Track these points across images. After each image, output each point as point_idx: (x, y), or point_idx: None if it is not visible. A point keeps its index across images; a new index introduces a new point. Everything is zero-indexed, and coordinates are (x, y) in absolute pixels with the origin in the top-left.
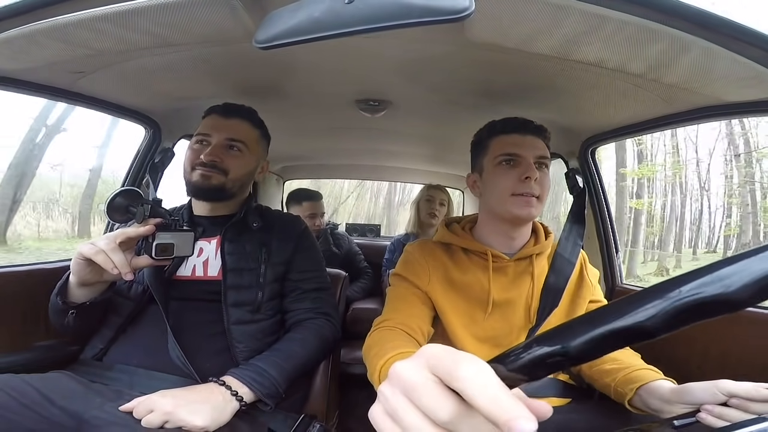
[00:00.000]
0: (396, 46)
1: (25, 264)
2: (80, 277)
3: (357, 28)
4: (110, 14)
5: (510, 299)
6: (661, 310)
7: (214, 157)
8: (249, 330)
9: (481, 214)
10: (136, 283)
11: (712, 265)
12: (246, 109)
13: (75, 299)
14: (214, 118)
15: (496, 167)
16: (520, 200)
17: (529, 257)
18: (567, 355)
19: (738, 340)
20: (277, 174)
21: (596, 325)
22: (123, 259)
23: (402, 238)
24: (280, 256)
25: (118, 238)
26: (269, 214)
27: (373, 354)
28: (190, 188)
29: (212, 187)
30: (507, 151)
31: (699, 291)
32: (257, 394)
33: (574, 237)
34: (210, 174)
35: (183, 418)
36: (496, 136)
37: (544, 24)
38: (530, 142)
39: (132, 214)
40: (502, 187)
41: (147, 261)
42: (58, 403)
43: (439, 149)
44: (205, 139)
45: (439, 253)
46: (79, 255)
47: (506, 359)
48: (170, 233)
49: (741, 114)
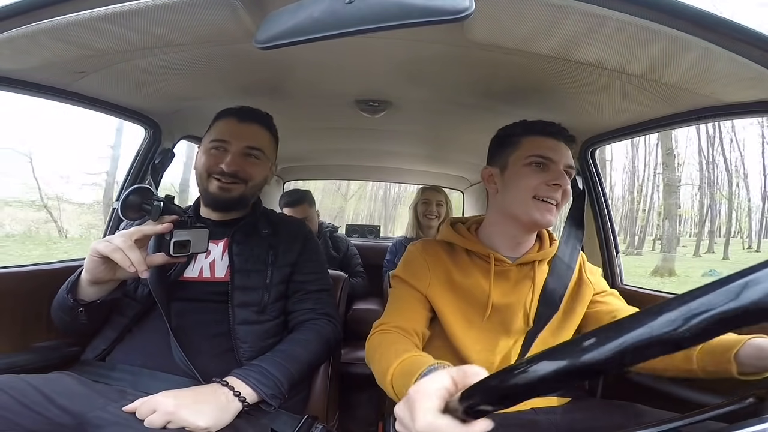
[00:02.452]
0: (396, 46)
1: (26, 264)
2: (94, 275)
3: (357, 28)
4: (111, 14)
5: (509, 304)
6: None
7: (236, 167)
8: (254, 330)
9: (491, 212)
10: (142, 285)
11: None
12: (262, 113)
13: (85, 297)
14: (231, 123)
15: (524, 167)
16: (542, 205)
17: (532, 263)
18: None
19: None
20: (277, 175)
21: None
22: (140, 256)
23: (403, 241)
24: (286, 259)
25: (134, 235)
26: (274, 217)
27: (377, 359)
28: (209, 199)
29: (232, 199)
30: (541, 153)
31: None
32: (260, 394)
33: (573, 241)
34: (230, 186)
35: (186, 418)
36: (531, 135)
37: (544, 24)
38: (563, 149)
39: (146, 211)
40: (527, 187)
41: (162, 258)
42: (59, 403)
43: (440, 150)
44: (222, 146)
45: (441, 254)
46: (94, 252)
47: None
48: (186, 230)
49: (741, 114)
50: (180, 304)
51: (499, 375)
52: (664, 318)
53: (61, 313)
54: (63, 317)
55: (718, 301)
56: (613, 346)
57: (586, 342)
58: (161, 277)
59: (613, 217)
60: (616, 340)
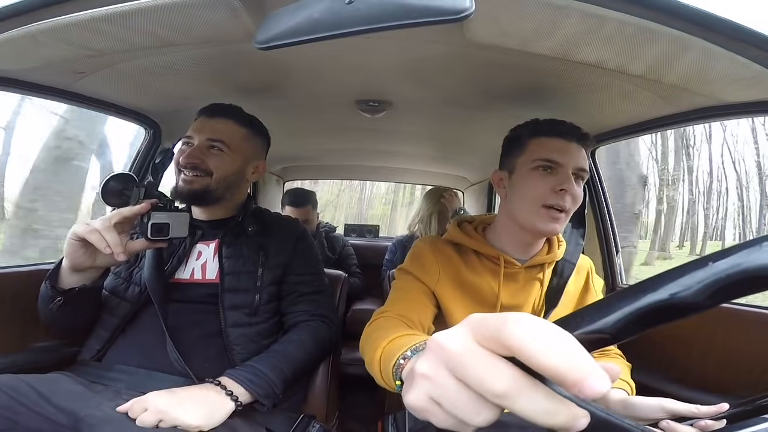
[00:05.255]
0: (396, 46)
1: (25, 264)
2: (73, 260)
3: (357, 29)
4: (111, 14)
5: (518, 305)
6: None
7: (192, 159)
8: (246, 333)
9: (500, 216)
10: (133, 284)
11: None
12: (231, 107)
13: (64, 285)
14: (200, 120)
15: (530, 171)
16: (548, 214)
17: (541, 265)
18: (606, 332)
19: (739, 340)
20: (277, 175)
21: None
22: (116, 239)
23: (404, 240)
24: (277, 260)
25: (113, 218)
26: (267, 217)
27: (372, 339)
28: (177, 193)
29: (195, 191)
30: (546, 157)
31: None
32: (253, 394)
33: (576, 238)
34: (192, 179)
35: (177, 416)
36: (538, 137)
37: (544, 24)
38: (574, 150)
39: (127, 197)
40: (533, 194)
41: (142, 244)
42: (55, 402)
43: (439, 150)
44: (189, 141)
45: (450, 252)
46: (72, 235)
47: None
48: (165, 213)
49: (741, 114)
50: (173, 305)
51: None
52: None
53: (42, 305)
54: (44, 309)
55: (744, 260)
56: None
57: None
58: (158, 277)
59: (613, 217)
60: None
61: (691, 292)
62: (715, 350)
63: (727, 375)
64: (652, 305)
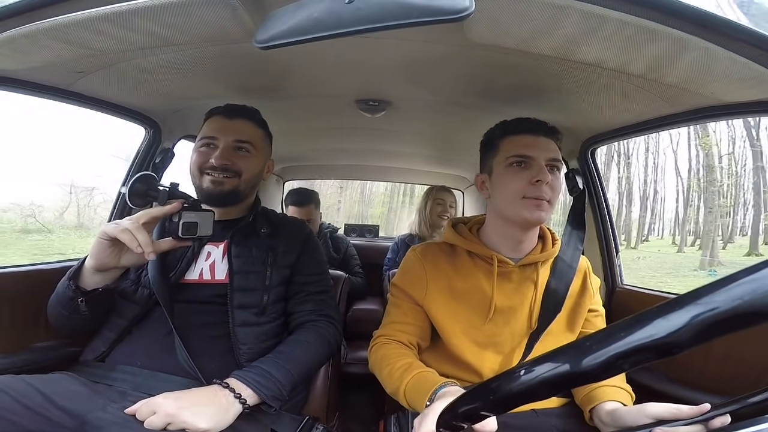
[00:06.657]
0: (396, 46)
1: (25, 264)
2: (99, 260)
3: (357, 28)
4: (110, 14)
5: (513, 305)
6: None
7: (224, 160)
8: (253, 332)
9: (489, 216)
10: (142, 287)
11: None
12: (249, 109)
13: (87, 285)
14: (218, 120)
15: (506, 169)
16: (531, 203)
17: (534, 264)
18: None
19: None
20: (276, 174)
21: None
22: (147, 238)
23: (406, 239)
24: (285, 260)
25: (142, 218)
26: (274, 217)
27: (386, 374)
28: (202, 194)
29: (225, 192)
30: (518, 153)
31: None
32: (261, 396)
33: (574, 241)
34: (222, 179)
35: (186, 420)
36: (508, 136)
37: (544, 24)
38: (543, 143)
39: (152, 197)
40: (512, 189)
41: (170, 243)
42: (59, 404)
43: (439, 149)
44: (211, 142)
45: (441, 258)
46: (103, 234)
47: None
48: (194, 212)
49: (741, 114)
50: (181, 306)
51: (470, 392)
52: (656, 324)
53: (59, 308)
54: (61, 311)
55: (718, 302)
56: (603, 352)
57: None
58: (164, 279)
59: (613, 217)
60: (606, 348)
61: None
62: (715, 350)
63: (726, 375)
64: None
